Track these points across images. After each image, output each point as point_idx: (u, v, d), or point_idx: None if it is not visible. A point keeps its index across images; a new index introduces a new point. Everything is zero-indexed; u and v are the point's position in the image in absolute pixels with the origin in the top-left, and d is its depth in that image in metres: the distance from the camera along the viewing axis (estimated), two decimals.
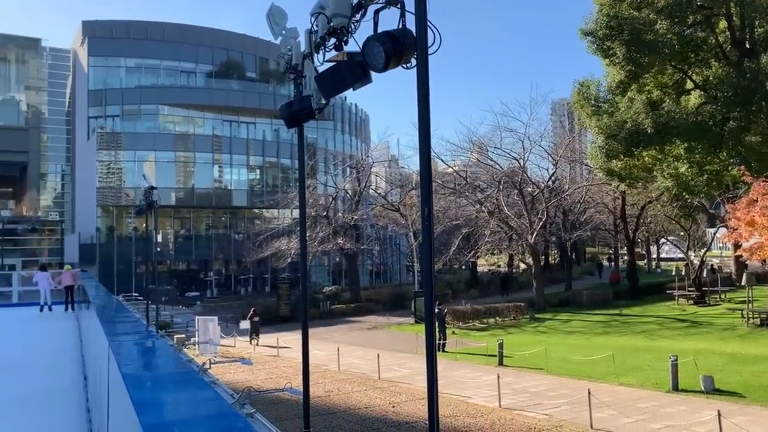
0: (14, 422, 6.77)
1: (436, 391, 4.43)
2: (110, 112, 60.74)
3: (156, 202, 20.88)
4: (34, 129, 69.71)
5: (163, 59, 62.69)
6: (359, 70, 5.93)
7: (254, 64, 67.65)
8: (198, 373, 4.14)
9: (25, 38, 71.50)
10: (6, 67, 70.40)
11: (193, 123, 62.67)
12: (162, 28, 63.63)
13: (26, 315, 19.48)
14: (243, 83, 65.06)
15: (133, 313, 9.61)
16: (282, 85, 64.26)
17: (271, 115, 62.22)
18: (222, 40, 65.65)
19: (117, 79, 61.55)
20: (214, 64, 64.91)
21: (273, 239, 49.11)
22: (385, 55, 5.07)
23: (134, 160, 57.93)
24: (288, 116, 7.66)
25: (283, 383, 18.11)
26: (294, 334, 31.91)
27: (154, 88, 61.13)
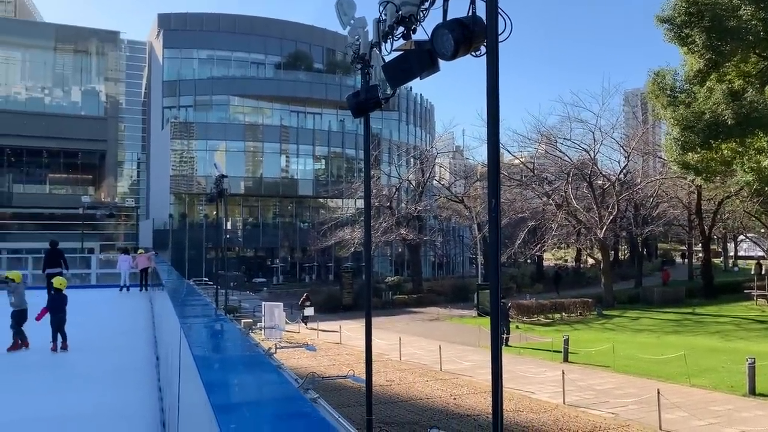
0: (92, 398, 7.11)
1: (501, 385, 4.36)
2: (183, 102, 62.87)
3: (226, 190, 21.47)
4: (113, 119, 72.77)
5: (234, 51, 64.31)
6: (427, 58, 5.88)
7: (321, 55, 68.42)
8: (265, 357, 4.22)
9: (105, 31, 74.54)
10: (87, 60, 73.70)
11: (261, 113, 64.05)
12: (233, 20, 65.21)
13: (104, 296, 20.43)
14: (310, 74, 65.94)
15: (204, 297, 9.92)
16: (348, 75, 64.72)
17: (337, 106, 62.86)
18: (290, 31, 66.70)
19: (190, 70, 63.57)
20: (283, 56, 66.05)
21: (337, 228, 49.67)
22: (454, 42, 5.00)
23: (206, 150, 59.78)
24: (355, 106, 7.69)
25: (345, 370, 18.33)
26: (356, 322, 32.21)
27: (225, 79, 62.81)
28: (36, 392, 7.36)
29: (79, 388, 7.58)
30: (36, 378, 8.06)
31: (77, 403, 6.90)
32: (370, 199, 8.67)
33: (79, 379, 8.04)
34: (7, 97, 69.81)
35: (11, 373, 8.25)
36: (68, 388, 7.60)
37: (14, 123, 65.98)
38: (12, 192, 72.89)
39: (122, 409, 6.69)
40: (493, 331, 4.59)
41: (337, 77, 66.10)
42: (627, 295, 43.92)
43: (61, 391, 7.41)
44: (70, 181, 76.81)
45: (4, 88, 70.15)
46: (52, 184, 76.34)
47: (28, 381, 7.93)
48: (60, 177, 76.38)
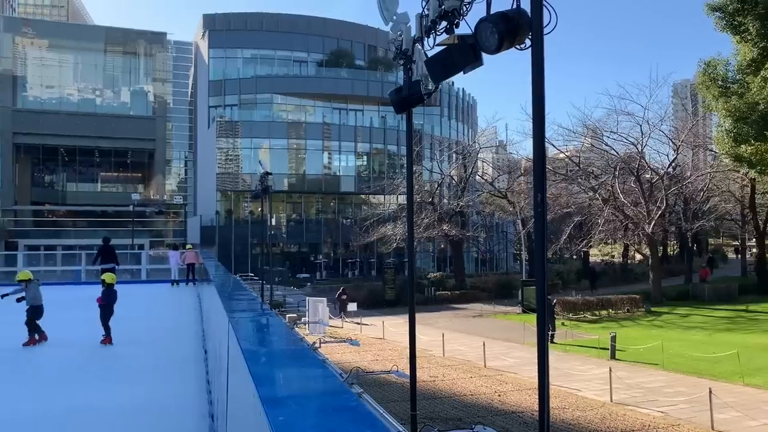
0: (143, 390, 7.31)
1: (546, 381, 4.32)
2: (228, 101, 63.96)
3: (270, 187, 21.80)
4: (161, 118, 74.47)
5: (277, 49, 65.06)
6: (470, 52, 5.84)
7: (363, 51, 68.61)
8: (310, 351, 4.26)
9: (153, 33, 76.37)
10: (136, 61, 75.62)
11: (304, 111, 64.66)
12: (276, 19, 65.94)
13: (153, 291, 20.96)
14: (352, 71, 66.23)
15: (250, 292, 10.08)
16: (390, 72, 64.71)
17: (379, 102, 62.96)
18: (332, 29, 67.08)
19: (235, 69, 64.60)
20: (325, 53, 66.49)
21: (379, 224, 49.79)
22: (498, 36, 4.96)
23: (250, 147, 60.72)
24: (397, 101, 7.70)
25: (389, 366, 18.39)
26: (399, 318, 32.26)
27: (269, 77, 63.60)
28: (89, 384, 7.61)
29: (131, 381, 7.80)
30: (90, 370, 8.34)
31: (129, 395, 7.10)
32: (413, 195, 8.66)
33: (131, 372, 8.27)
34: (60, 98, 72.19)
35: (66, 366, 8.56)
36: (121, 380, 7.83)
37: (67, 124, 68.21)
38: (66, 190, 75.49)
39: (172, 401, 6.85)
40: (540, 328, 4.55)
41: (378, 73, 66.19)
42: (676, 291, 42.80)
43: (114, 383, 7.64)
44: (120, 179, 79.05)
45: (58, 90, 72.56)
46: (103, 182, 78.72)
47: (82, 373, 8.21)
48: (111, 175, 78.69)
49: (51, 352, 9.10)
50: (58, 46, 72.31)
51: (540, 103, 4.29)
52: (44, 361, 8.23)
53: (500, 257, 73.95)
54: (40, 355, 8.80)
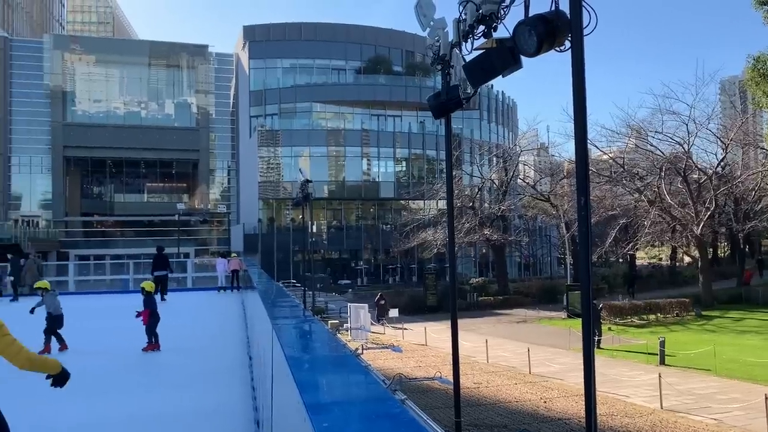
0: (189, 397, 7.43)
1: (593, 388, 4.24)
2: (269, 111, 64.98)
3: (311, 195, 21.98)
4: (204, 129, 76.24)
5: (316, 58, 65.85)
6: (509, 56, 5.80)
7: (400, 57, 68.84)
8: (353, 358, 4.27)
9: (195, 46, 78.21)
10: (179, 73, 77.58)
11: (343, 118, 65.18)
12: (314, 28, 66.75)
13: (199, 299, 21.36)
14: (389, 77, 66.50)
15: (293, 298, 10.18)
16: (428, 77, 64.72)
17: (417, 108, 63.00)
18: (370, 36, 67.53)
19: (275, 79, 65.61)
20: (363, 60, 66.96)
21: (419, 230, 49.70)
22: (537, 38, 4.92)
23: (291, 156, 61.47)
24: (436, 107, 7.69)
25: (432, 372, 18.31)
26: (441, 324, 32.11)
27: (308, 86, 64.40)
28: (136, 391, 7.77)
29: (178, 387, 7.94)
30: (137, 378, 8.52)
31: (176, 402, 7.22)
32: (453, 200, 8.62)
33: (179, 378, 8.42)
34: (107, 112, 74.50)
35: (113, 373, 8.77)
36: (168, 387, 7.98)
37: (114, 136, 70.35)
38: (114, 201, 77.79)
39: (218, 407, 6.95)
40: (585, 333, 4.46)
41: (416, 79, 66.28)
42: (728, 294, 41.44)
43: (162, 390, 7.79)
44: (166, 189, 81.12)
45: (105, 104, 74.92)
46: (149, 193, 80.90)
47: (130, 380, 8.39)
48: (156, 186, 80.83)
49: (99, 360, 9.36)
50: (105, 61, 74.68)
51: (581, 105, 4.23)
52: (91, 369, 8.46)
53: (544, 261, 72.93)
54: (87, 364, 9.05)
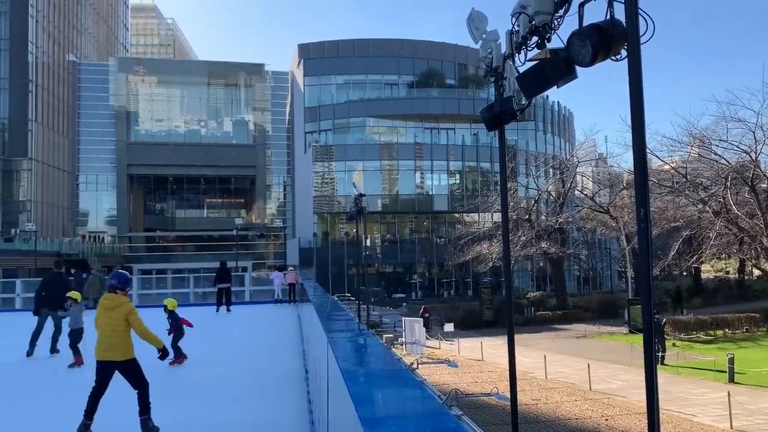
0: (248, 409, 7.55)
1: (657, 406, 4.10)
2: (323, 126, 65.99)
3: (365, 209, 22.17)
4: (260, 146, 78.06)
5: (369, 73, 66.59)
6: (563, 66, 5.74)
7: (453, 70, 68.86)
8: (409, 372, 4.25)
9: (252, 65, 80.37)
10: (237, 92, 79.79)
11: (396, 132, 65.56)
12: (367, 44, 67.55)
13: (257, 312, 21.71)
14: (442, 90, 66.59)
15: (347, 312, 10.24)
16: (481, 89, 64.45)
17: (470, 120, 62.75)
18: (422, 50, 67.85)
19: (329, 95, 66.63)
20: (415, 74, 67.29)
21: (474, 243, 49.25)
22: (592, 48, 4.85)
23: (344, 170, 62.14)
24: (489, 119, 7.65)
25: (488, 388, 18.04)
26: (497, 339, 31.64)
27: (361, 101, 65.10)
28: (197, 402, 7.93)
29: (236, 399, 8.07)
30: (196, 388, 8.71)
31: (234, 413, 7.34)
32: (508, 212, 8.52)
33: (235, 390, 8.56)
34: (169, 131, 77.19)
35: (174, 384, 8.98)
36: (225, 398, 8.12)
37: (175, 154, 72.82)
38: (175, 217, 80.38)
39: (275, 420, 7.02)
40: (647, 349, 4.33)
41: (469, 91, 66.12)
42: None
43: (220, 402, 7.94)
44: (224, 205, 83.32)
45: (166, 123, 77.68)
46: (209, 208, 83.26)
47: (191, 391, 8.58)
48: (215, 201, 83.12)
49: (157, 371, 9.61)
50: (166, 82, 77.54)
51: (640, 114, 4.14)
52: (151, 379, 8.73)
53: (604, 275, 71.08)
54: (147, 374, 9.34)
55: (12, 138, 65.01)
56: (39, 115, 66.42)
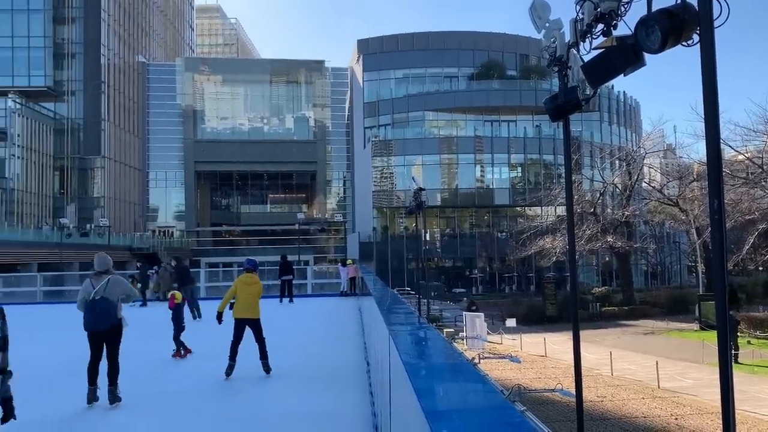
0: (311, 399, 7.66)
1: (732, 406, 3.93)
2: (382, 121, 66.17)
3: (424, 203, 22.11)
4: (321, 141, 79.03)
5: (428, 67, 66.30)
6: (630, 53, 5.57)
7: (514, 61, 67.79)
8: (471, 366, 4.23)
9: (313, 62, 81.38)
10: (298, 89, 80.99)
11: (456, 125, 65.06)
12: (426, 37, 67.27)
13: (318, 304, 22.04)
14: (503, 82, 65.62)
15: (408, 306, 10.26)
16: (543, 80, 63.20)
17: (532, 112, 61.65)
18: (482, 41, 67.06)
19: (387, 90, 66.75)
20: (475, 66, 66.58)
21: (536, 237, 48.42)
22: (661, 34, 4.68)
23: (403, 165, 62.18)
24: (553, 110, 7.50)
25: (552, 384, 17.74)
26: (561, 335, 31.07)
27: (420, 95, 64.91)
28: (261, 392, 8.12)
29: (298, 390, 8.21)
30: (260, 379, 8.90)
31: (297, 403, 7.47)
32: (573, 206, 8.33)
33: (298, 381, 8.71)
34: (233, 128, 79.13)
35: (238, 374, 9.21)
36: (290, 389, 8.28)
37: (240, 151, 74.61)
38: (240, 212, 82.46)
39: (338, 411, 7.11)
40: (721, 346, 4.16)
41: (531, 82, 64.92)
42: None
43: (284, 392, 8.09)
44: (286, 200, 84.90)
45: (231, 121, 79.63)
46: (271, 203, 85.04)
47: (254, 381, 8.79)
48: (278, 197, 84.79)
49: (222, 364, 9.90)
50: (230, 81, 79.47)
51: (713, 102, 3.96)
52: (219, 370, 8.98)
53: (673, 270, 68.63)
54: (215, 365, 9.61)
55: (87, 137, 68.11)
56: (111, 114, 69.31)
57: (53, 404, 7.34)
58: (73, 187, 68.84)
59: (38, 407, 6.95)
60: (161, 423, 6.70)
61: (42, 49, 65.09)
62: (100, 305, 7.10)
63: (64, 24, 67.07)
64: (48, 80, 65.61)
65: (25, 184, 62.80)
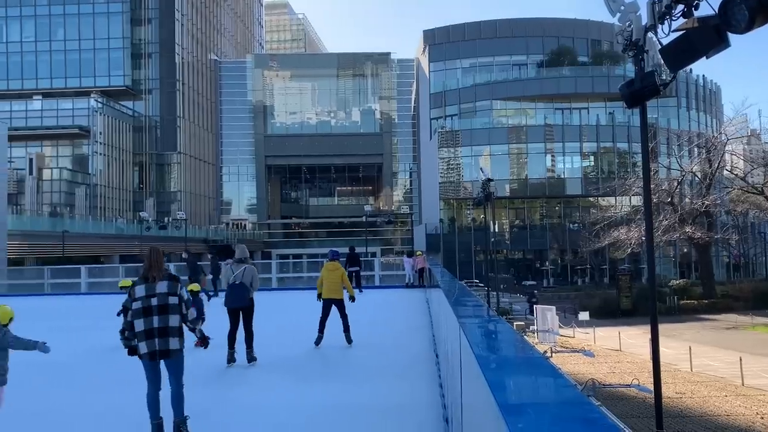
0: (381, 390, 7.71)
1: None
2: (449, 112, 65.71)
3: (493, 194, 21.84)
4: (387, 134, 79.28)
5: (495, 55, 65.30)
6: (713, 35, 5.29)
7: (586, 47, 65.85)
8: (545, 360, 4.14)
9: (378, 54, 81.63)
10: (364, 82, 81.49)
11: (524, 114, 63.87)
12: (493, 25, 66.22)
13: (386, 296, 22.15)
14: (574, 69, 63.88)
15: (477, 298, 10.16)
16: (616, 65, 61.17)
17: (605, 98, 59.82)
18: (552, 28, 65.43)
19: (454, 80, 66.17)
20: (545, 54, 65.08)
21: (610, 228, 46.97)
22: (748, 12, 4.41)
23: (470, 155, 61.58)
24: (629, 95, 7.22)
25: (627, 379, 17.22)
26: (636, 328, 30.08)
27: (488, 84, 64.04)
28: (331, 382, 8.24)
29: (368, 380, 8.27)
30: (332, 368, 9.04)
31: (367, 394, 7.53)
32: (650, 195, 8.02)
33: (368, 372, 8.78)
34: (302, 123, 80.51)
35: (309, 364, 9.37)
36: (358, 379, 8.36)
37: (308, 145, 75.87)
38: (308, 205, 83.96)
39: (406, 402, 7.12)
40: None
41: (603, 68, 62.96)
42: None
43: (354, 382, 8.18)
44: (353, 192, 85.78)
45: (299, 116, 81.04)
46: (339, 196, 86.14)
47: (326, 371, 8.93)
48: (345, 189, 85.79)
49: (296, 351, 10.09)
50: (298, 76, 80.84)
51: None
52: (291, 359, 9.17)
53: (757, 262, 65.19)
54: (288, 354, 9.82)
55: (163, 134, 70.90)
56: (186, 111, 71.83)
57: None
58: (151, 182, 71.91)
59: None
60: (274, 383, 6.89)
61: (120, 50, 68.07)
62: (239, 288, 8.82)
63: (141, 25, 69.89)
64: (126, 80, 68.59)
65: (108, 180, 66.03)
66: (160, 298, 5.35)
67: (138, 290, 5.41)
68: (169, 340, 5.35)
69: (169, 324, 5.35)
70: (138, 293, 5.39)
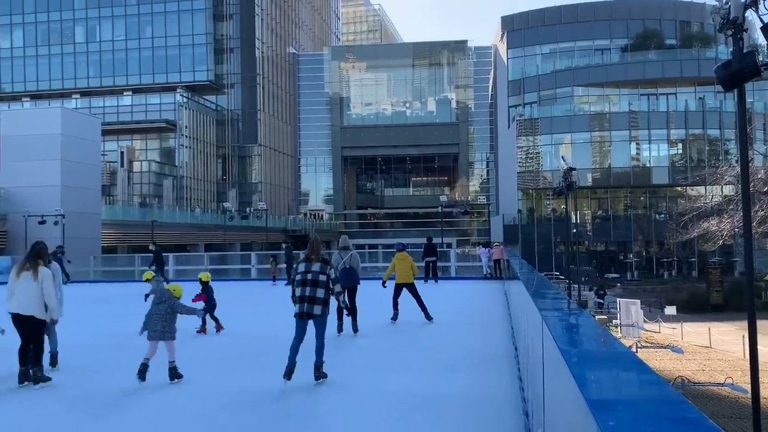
0: (459, 381, 7.64)
1: None
2: (528, 99, 64.24)
3: (574, 183, 21.19)
4: (463, 123, 78.57)
5: (577, 40, 63.27)
6: None
7: (674, 30, 62.71)
8: (634, 355, 3.95)
9: (454, 42, 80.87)
10: (440, 71, 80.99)
11: (607, 101, 61.61)
12: (574, 9, 64.14)
13: (463, 287, 21.99)
14: (661, 53, 60.99)
15: (558, 291, 9.89)
16: (708, 47, 57.98)
17: (695, 83, 56.95)
18: (637, 10, 62.68)
19: (533, 67, 64.63)
20: (629, 37, 62.50)
21: (700, 219, 44.66)
22: None
23: (551, 144, 60.02)
24: (725, 78, 6.78)
25: (718, 377, 16.36)
26: (728, 324, 28.55)
27: (569, 70, 62.14)
28: (411, 372, 8.23)
29: (446, 371, 8.22)
30: (409, 358, 9.04)
31: (446, 385, 7.49)
32: (749, 184, 7.52)
33: (446, 363, 8.73)
34: (377, 113, 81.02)
35: (387, 352, 9.40)
36: (437, 370, 8.32)
37: (384, 135, 76.30)
38: (383, 195, 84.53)
39: (486, 394, 7.03)
40: None
41: (693, 51, 59.75)
42: None
43: (432, 372, 8.16)
44: (429, 183, 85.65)
45: (375, 107, 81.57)
46: (414, 186, 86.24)
47: (402, 360, 8.94)
48: (420, 180, 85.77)
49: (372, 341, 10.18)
50: (374, 67, 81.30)
51: None
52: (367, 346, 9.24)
53: None
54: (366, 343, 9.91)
55: (245, 127, 73.15)
56: (266, 105, 73.79)
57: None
58: (233, 174, 74.44)
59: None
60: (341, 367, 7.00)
61: (204, 46, 70.61)
62: (350, 271, 10.43)
63: (223, 21, 72.20)
64: (210, 74, 71.12)
65: (193, 172, 68.82)
66: (313, 274, 6.96)
67: (300, 266, 7.12)
68: (314, 306, 6.90)
69: (316, 294, 6.92)
70: (300, 268, 7.09)
